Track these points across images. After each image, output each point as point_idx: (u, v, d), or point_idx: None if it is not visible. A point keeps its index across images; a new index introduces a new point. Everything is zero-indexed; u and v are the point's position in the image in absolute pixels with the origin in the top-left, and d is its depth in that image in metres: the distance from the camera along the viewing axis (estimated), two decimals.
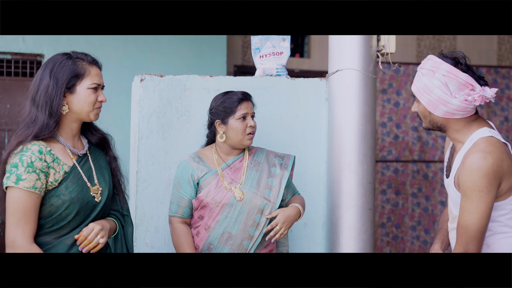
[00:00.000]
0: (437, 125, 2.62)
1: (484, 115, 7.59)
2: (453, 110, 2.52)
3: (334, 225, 3.63)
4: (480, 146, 2.46)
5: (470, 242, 2.46)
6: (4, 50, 6.01)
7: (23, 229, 2.40)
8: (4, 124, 6.06)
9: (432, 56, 2.60)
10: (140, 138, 3.46)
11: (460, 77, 2.50)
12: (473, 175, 2.42)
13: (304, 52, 7.52)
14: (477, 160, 2.42)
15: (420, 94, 2.58)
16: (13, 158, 2.43)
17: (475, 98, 2.48)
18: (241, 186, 3.10)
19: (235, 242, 3.04)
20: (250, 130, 3.12)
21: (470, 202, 2.44)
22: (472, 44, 7.74)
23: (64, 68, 2.53)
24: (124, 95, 5.29)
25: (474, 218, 2.44)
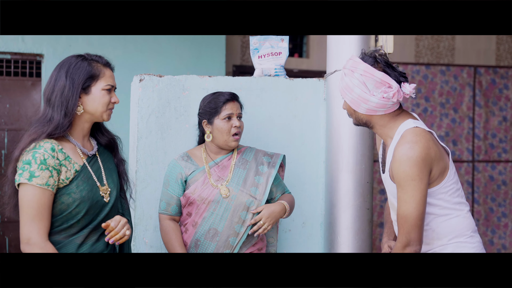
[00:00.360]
0: (362, 121, 2.71)
1: (482, 115, 7.62)
2: (373, 107, 2.61)
3: (332, 224, 3.65)
4: (407, 137, 2.56)
5: (412, 231, 2.53)
6: (3, 50, 6.02)
7: (38, 226, 2.42)
8: (3, 124, 6.07)
9: (353, 56, 2.70)
10: (139, 138, 3.47)
11: (376, 76, 2.58)
12: (404, 166, 2.51)
13: (303, 52, 7.53)
14: (406, 151, 2.51)
15: (343, 93, 2.69)
16: (26, 155, 2.45)
17: (392, 95, 2.57)
18: (227, 183, 3.14)
19: (221, 238, 3.08)
20: (235, 130, 3.14)
21: (405, 192, 2.52)
22: (470, 44, 7.75)
23: (80, 69, 2.57)
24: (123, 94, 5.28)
25: (412, 206, 2.52)
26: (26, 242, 2.41)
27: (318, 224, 3.80)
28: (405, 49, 7.51)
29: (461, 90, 7.59)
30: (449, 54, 7.71)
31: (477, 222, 7.63)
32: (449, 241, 2.65)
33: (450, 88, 7.57)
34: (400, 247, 2.55)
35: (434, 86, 7.51)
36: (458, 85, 7.58)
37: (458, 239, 2.65)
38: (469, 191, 7.63)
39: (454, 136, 7.58)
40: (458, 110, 7.59)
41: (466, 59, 7.73)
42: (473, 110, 7.63)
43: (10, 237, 6.03)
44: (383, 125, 2.68)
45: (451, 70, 7.58)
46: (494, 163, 7.70)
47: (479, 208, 7.65)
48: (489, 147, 7.66)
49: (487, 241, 7.67)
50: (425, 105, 7.49)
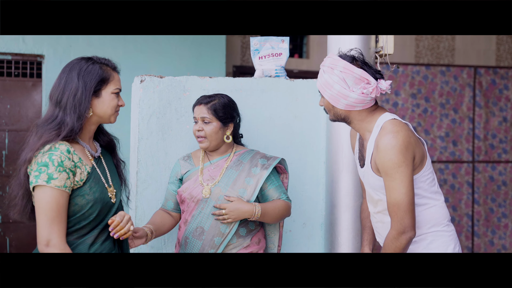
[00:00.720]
0: (341, 117, 2.79)
1: (482, 115, 7.62)
2: (352, 103, 2.70)
3: (333, 225, 3.66)
4: (387, 128, 2.65)
5: (405, 216, 2.60)
6: (4, 50, 6.03)
7: (58, 228, 2.43)
8: (4, 124, 6.08)
9: (331, 54, 2.80)
10: (140, 138, 3.48)
11: (355, 72, 2.68)
12: (390, 154, 2.59)
13: (303, 52, 7.54)
14: (389, 140, 2.60)
15: (323, 90, 2.76)
16: (41, 158, 2.45)
17: (371, 91, 2.66)
18: (215, 184, 3.16)
19: (207, 237, 3.10)
20: (197, 134, 3.19)
21: (393, 179, 2.60)
22: (470, 45, 7.76)
23: (92, 72, 2.58)
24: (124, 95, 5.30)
25: (402, 192, 2.60)
26: (46, 244, 2.42)
27: (319, 224, 3.81)
28: (405, 50, 7.52)
29: (461, 91, 7.60)
30: (449, 55, 7.72)
31: (477, 223, 7.65)
32: (428, 230, 2.75)
33: (450, 88, 7.57)
34: (395, 234, 2.62)
35: (434, 86, 7.52)
36: (458, 86, 7.59)
37: (436, 228, 2.75)
38: (469, 191, 7.64)
39: (454, 137, 7.58)
40: (458, 111, 7.60)
41: (466, 59, 7.73)
42: (473, 110, 7.64)
43: (11, 237, 6.03)
44: (361, 120, 2.77)
45: (451, 71, 7.59)
46: (494, 164, 7.71)
47: (479, 208, 7.66)
48: (489, 147, 7.67)
49: (487, 242, 7.67)
50: (425, 106, 7.50)
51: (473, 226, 7.64)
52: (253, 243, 3.19)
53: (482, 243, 7.67)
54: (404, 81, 7.37)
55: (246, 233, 3.16)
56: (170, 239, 3.50)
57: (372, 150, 2.71)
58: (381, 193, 2.75)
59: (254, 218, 3.09)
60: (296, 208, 3.72)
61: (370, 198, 2.86)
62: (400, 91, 7.38)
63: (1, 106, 6.07)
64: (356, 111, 2.74)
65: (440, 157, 7.52)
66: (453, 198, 7.55)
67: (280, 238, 3.34)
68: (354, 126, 2.80)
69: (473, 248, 7.62)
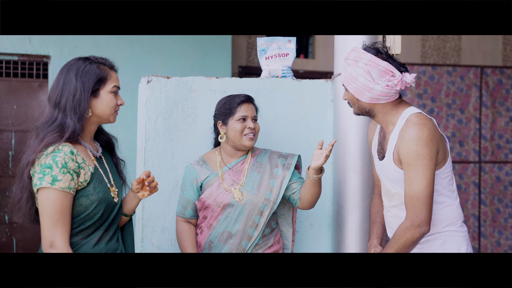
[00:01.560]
0: (365, 110, 2.80)
1: (489, 115, 7.60)
2: (377, 96, 2.71)
3: (340, 226, 3.65)
4: (414, 120, 2.66)
5: (423, 209, 2.60)
6: (10, 51, 6.04)
7: (61, 230, 2.43)
8: (11, 125, 6.09)
9: (355, 47, 2.79)
10: (146, 139, 3.48)
11: (380, 65, 2.68)
12: (415, 145, 2.60)
13: (308, 52, 7.53)
14: (416, 132, 2.61)
15: (347, 83, 2.76)
16: (45, 160, 2.45)
17: (396, 83, 2.67)
18: (241, 187, 3.15)
19: (234, 241, 3.10)
20: (248, 131, 3.16)
21: (416, 171, 2.60)
22: (477, 45, 7.74)
23: (89, 72, 2.58)
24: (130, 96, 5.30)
25: (423, 185, 2.60)
26: (49, 246, 2.42)
27: (326, 225, 3.80)
28: (411, 50, 7.50)
29: (467, 91, 7.58)
30: (455, 55, 7.70)
31: (484, 223, 7.63)
32: (442, 229, 2.75)
33: (457, 88, 7.56)
34: (409, 225, 2.61)
35: (440, 86, 7.50)
36: (464, 86, 7.57)
37: (451, 228, 2.75)
38: (476, 192, 7.62)
39: (460, 137, 7.56)
40: (465, 111, 7.58)
41: (473, 59, 7.71)
42: (479, 110, 7.62)
43: (17, 238, 6.04)
44: (385, 113, 2.77)
45: (457, 71, 7.57)
46: (501, 164, 7.69)
47: (486, 209, 7.64)
48: (495, 148, 7.65)
49: (494, 242, 7.65)
50: (432, 106, 7.49)
51: (480, 226, 7.62)
52: (275, 242, 3.22)
53: (488, 244, 7.64)
54: None
55: (270, 232, 3.19)
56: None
57: (395, 142, 2.71)
58: (399, 186, 2.74)
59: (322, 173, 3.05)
60: None
61: (386, 191, 2.85)
62: (406, 91, 7.36)
63: (8, 107, 6.08)
64: (380, 104, 2.74)
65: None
66: (459, 198, 7.52)
67: (293, 233, 3.39)
68: (378, 119, 2.81)
69: (480, 249, 7.60)
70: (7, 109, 6.08)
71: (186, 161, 3.51)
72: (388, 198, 2.85)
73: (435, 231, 2.73)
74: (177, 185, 3.49)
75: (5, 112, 6.07)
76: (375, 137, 2.93)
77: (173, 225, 3.48)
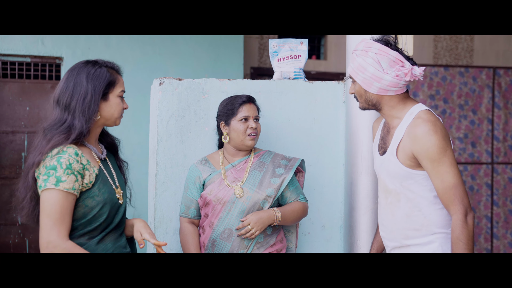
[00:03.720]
0: (372, 102, 2.78)
1: (501, 116, 7.56)
2: (386, 86, 2.69)
3: (352, 227, 3.64)
4: (424, 117, 2.66)
5: (464, 196, 2.61)
6: (23, 53, 6.07)
7: (58, 229, 2.43)
8: (23, 126, 6.12)
9: (364, 39, 2.80)
10: (159, 141, 3.49)
11: (390, 54, 2.68)
12: (433, 139, 2.59)
13: (320, 54, 7.52)
14: (430, 127, 2.61)
15: (355, 74, 2.75)
16: (49, 161, 2.46)
17: (405, 73, 2.66)
18: (242, 184, 3.17)
19: (236, 238, 3.11)
20: (250, 131, 3.18)
21: (443, 163, 2.60)
22: (489, 45, 7.70)
23: (100, 76, 2.60)
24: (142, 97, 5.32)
25: (455, 174, 2.61)
26: (46, 247, 2.42)
27: (338, 227, 3.80)
28: (423, 51, 7.48)
29: (480, 92, 7.55)
30: (467, 56, 7.67)
31: (496, 225, 7.59)
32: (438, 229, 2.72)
33: (469, 89, 7.53)
34: (462, 218, 2.60)
35: (452, 87, 7.47)
36: (477, 87, 7.54)
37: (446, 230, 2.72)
38: (488, 193, 7.58)
39: (473, 138, 7.53)
40: (477, 112, 7.55)
41: (485, 60, 7.68)
42: (492, 111, 7.58)
43: (30, 239, 6.07)
44: (392, 106, 2.75)
45: (469, 72, 7.54)
46: None
47: (499, 210, 7.60)
48: (508, 149, 7.61)
49: (507, 244, 7.61)
50: (444, 107, 7.46)
51: (492, 228, 7.58)
52: (278, 241, 3.22)
53: (501, 245, 7.61)
54: (423, 82, 7.33)
55: (272, 231, 3.19)
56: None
57: (400, 137, 2.69)
58: (397, 182, 2.73)
59: (276, 223, 3.12)
60: (315, 210, 3.71)
61: (384, 188, 2.84)
62: (419, 92, 7.34)
63: (20, 108, 6.11)
64: (388, 96, 2.73)
65: (459, 158, 7.48)
66: (472, 199, 7.49)
67: (296, 237, 3.40)
68: (384, 113, 2.79)
69: (492, 250, 7.56)
70: (19, 110, 6.11)
71: None
72: (384, 194, 2.84)
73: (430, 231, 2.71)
74: None
75: (18, 113, 6.11)
76: (377, 133, 2.92)
77: None
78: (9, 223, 6.02)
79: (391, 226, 2.81)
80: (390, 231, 2.82)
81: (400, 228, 2.77)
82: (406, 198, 2.73)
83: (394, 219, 2.79)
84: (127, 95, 2.87)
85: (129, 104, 2.88)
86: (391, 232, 2.82)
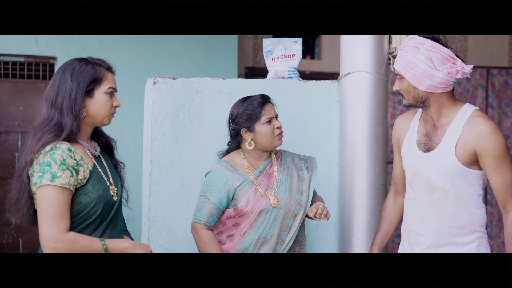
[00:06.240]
0: (421, 99, 2.77)
1: (495, 116, 7.59)
2: (436, 84, 2.69)
3: (346, 226, 3.65)
4: (483, 116, 2.70)
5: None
6: (17, 52, 6.06)
7: (58, 224, 2.41)
8: (17, 126, 6.10)
9: (413, 36, 2.78)
10: (153, 140, 3.48)
11: (443, 51, 2.68)
12: (500, 138, 2.63)
13: (314, 53, 7.53)
14: (495, 126, 2.65)
15: (404, 71, 2.73)
16: (43, 158, 2.45)
17: (457, 70, 2.66)
18: (275, 192, 3.11)
19: (269, 246, 3.06)
20: (278, 131, 3.13)
21: (506, 162, 2.65)
22: (483, 45, 7.73)
23: (84, 72, 2.58)
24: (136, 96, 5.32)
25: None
26: (47, 244, 2.40)
27: (332, 226, 3.80)
28: None
29: (473, 92, 7.56)
30: (461, 55, 7.69)
31: (490, 224, 7.61)
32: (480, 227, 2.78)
33: (463, 89, 7.54)
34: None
35: None
36: (470, 87, 7.56)
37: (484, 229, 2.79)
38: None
39: None
40: None
41: (479, 60, 7.70)
42: (486, 111, 7.60)
43: (24, 239, 6.06)
44: (441, 104, 2.76)
45: None
46: None
47: (492, 209, 7.62)
48: None
49: (500, 243, 7.63)
50: None
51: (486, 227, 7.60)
52: (296, 246, 3.21)
53: (495, 244, 7.63)
54: None
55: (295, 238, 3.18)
56: (184, 241, 3.49)
57: (459, 134, 2.69)
58: (447, 179, 2.74)
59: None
60: None
61: (429, 184, 2.81)
62: None
63: (14, 108, 6.09)
64: (437, 94, 2.73)
65: None
66: None
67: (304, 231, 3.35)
68: (432, 110, 2.78)
69: None
70: (13, 110, 6.09)
71: (192, 162, 3.51)
72: (429, 191, 2.81)
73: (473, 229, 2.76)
74: (183, 186, 3.49)
75: (11, 113, 6.09)
76: (411, 130, 2.91)
77: (179, 226, 3.48)
78: (2, 223, 6.00)
79: (434, 223, 2.79)
80: (432, 228, 2.80)
81: (446, 226, 2.77)
82: (454, 196, 2.74)
83: (439, 216, 2.78)
84: (121, 95, 2.86)
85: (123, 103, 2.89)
86: (433, 229, 2.80)
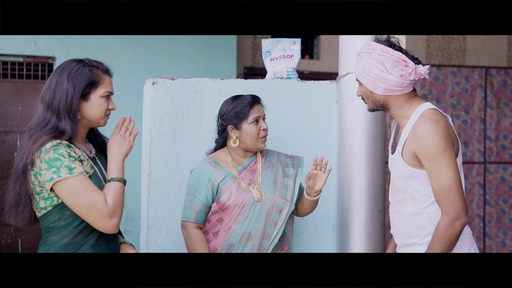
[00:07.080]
0: (379, 103, 2.79)
1: (494, 116, 7.59)
2: (391, 87, 2.71)
3: (345, 227, 3.65)
4: (428, 115, 2.65)
5: (458, 200, 2.57)
6: (16, 52, 6.05)
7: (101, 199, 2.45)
8: (16, 126, 6.10)
9: (368, 41, 2.81)
10: (152, 140, 3.48)
11: (393, 55, 2.69)
12: (432, 139, 2.58)
13: (313, 53, 7.53)
14: (432, 126, 2.59)
15: (360, 76, 2.77)
16: (47, 155, 2.44)
17: (409, 72, 2.67)
18: (258, 186, 3.14)
19: (255, 242, 3.08)
20: (263, 133, 3.15)
21: (440, 164, 2.58)
22: (481, 45, 7.73)
23: (81, 75, 2.57)
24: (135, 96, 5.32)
25: (451, 175, 2.58)
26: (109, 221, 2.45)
27: (331, 226, 3.80)
28: (416, 50, 7.49)
29: (472, 92, 7.57)
30: (460, 55, 7.69)
31: (489, 224, 7.61)
32: None
33: (461, 89, 7.55)
34: (449, 221, 2.57)
35: (445, 87, 7.49)
36: (469, 86, 7.56)
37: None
38: (481, 192, 7.60)
39: (465, 138, 7.56)
40: (470, 112, 7.57)
41: (477, 60, 7.70)
42: (484, 111, 7.60)
43: (23, 239, 6.05)
44: (400, 106, 2.77)
45: (462, 71, 7.56)
46: (506, 165, 7.68)
47: (491, 209, 7.63)
48: (500, 148, 7.64)
49: (499, 243, 7.64)
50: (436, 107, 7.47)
51: (485, 227, 7.60)
52: (285, 243, 3.23)
53: (493, 245, 7.63)
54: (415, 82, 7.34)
55: (283, 234, 3.20)
56: (183, 241, 3.49)
57: (406, 137, 2.70)
58: (403, 181, 2.74)
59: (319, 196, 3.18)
60: None
61: (393, 185, 2.85)
62: None
63: (13, 108, 6.09)
64: (394, 96, 2.74)
65: None
66: None
67: (292, 234, 3.41)
68: (392, 113, 2.80)
69: (485, 250, 7.58)
70: (12, 110, 6.09)
71: (191, 162, 3.51)
72: (393, 192, 2.85)
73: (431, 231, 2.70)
74: (182, 186, 3.50)
75: (10, 113, 6.09)
76: (393, 130, 2.94)
77: (178, 226, 3.48)
78: (1, 223, 6.00)
79: (398, 224, 2.82)
80: (397, 229, 2.83)
81: (407, 226, 2.77)
82: (411, 197, 2.74)
83: (400, 217, 2.79)
84: (120, 95, 2.85)
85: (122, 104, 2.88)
86: (398, 229, 2.83)
